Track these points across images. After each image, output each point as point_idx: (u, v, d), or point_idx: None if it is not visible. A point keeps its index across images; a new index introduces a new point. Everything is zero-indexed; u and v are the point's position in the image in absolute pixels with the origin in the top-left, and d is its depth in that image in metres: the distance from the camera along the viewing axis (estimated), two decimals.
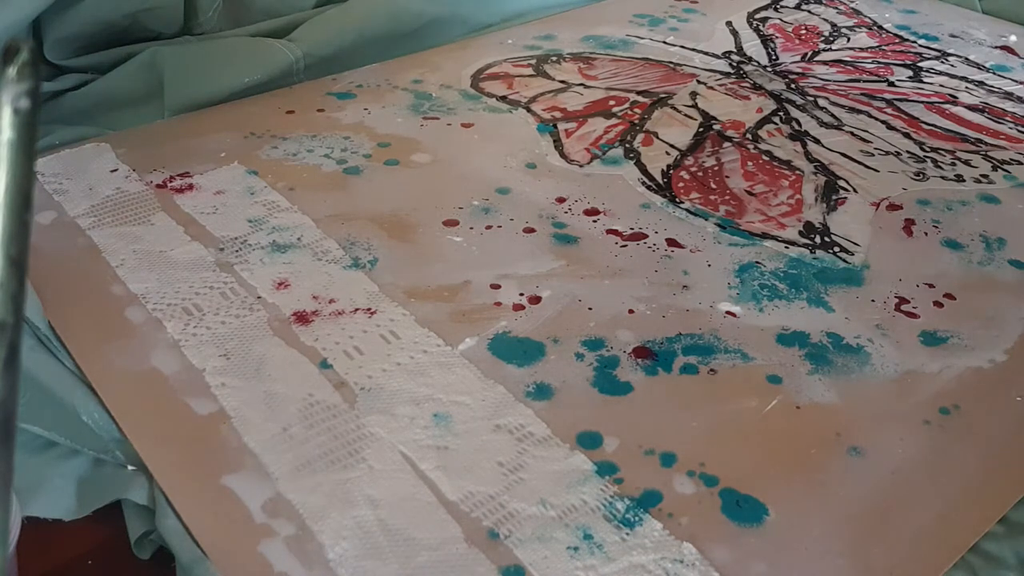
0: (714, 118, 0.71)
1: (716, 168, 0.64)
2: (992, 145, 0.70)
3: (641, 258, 0.54)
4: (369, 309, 0.49)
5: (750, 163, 0.65)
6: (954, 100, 0.76)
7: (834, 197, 0.62)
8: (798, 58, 0.82)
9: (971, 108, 0.75)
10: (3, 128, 0.17)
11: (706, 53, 0.82)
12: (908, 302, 0.52)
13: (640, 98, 0.73)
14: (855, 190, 0.62)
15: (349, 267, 0.52)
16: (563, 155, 0.64)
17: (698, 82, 0.76)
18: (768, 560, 0.37)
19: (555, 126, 0.68)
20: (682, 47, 0.82)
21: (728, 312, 0.50)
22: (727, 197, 0.61)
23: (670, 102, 0.72)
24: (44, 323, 0.45)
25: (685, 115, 0.71)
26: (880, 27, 0.90)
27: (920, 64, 0.82)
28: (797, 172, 0.64)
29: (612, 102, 0.72)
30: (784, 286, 0.53)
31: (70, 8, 0.64)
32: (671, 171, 0.63)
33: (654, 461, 0.41)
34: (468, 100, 0.70)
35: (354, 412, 0.42)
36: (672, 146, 0.66)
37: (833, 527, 0.39)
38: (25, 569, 0.33)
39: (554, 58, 0.78)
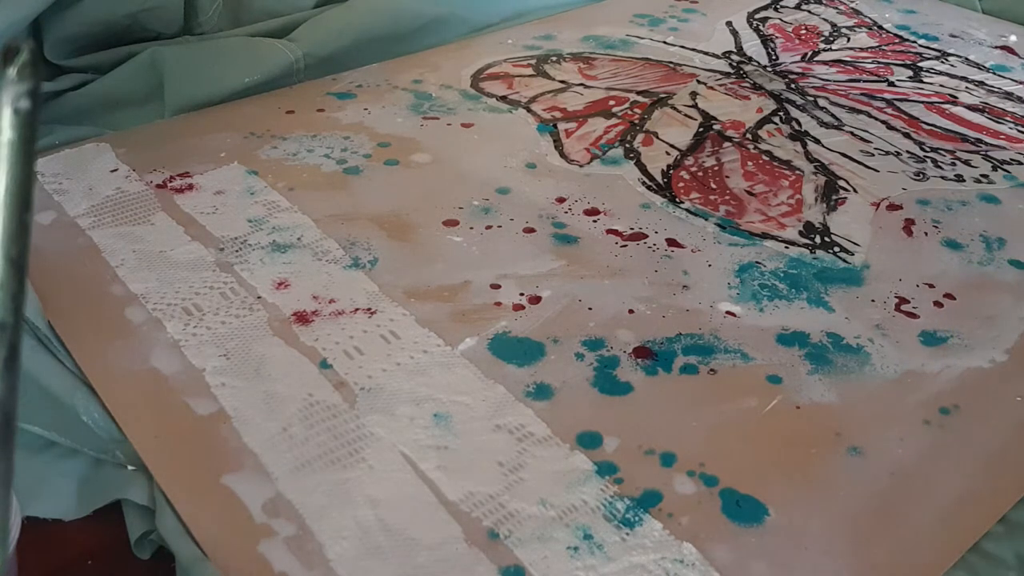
0: (714, 118, 0.71)
1: (716, 168, 0.64)
2: (992, 145, 0.70)
3: (641, 258, 0.54)
4: (369, 309, 0.49)
5: (750, 163, 0.65)
6: (954, 100, 0.76)
7: (834, 197, 0.62)
8: (798, 58, 0.82)
9: (971, 108, 0.75)
10: (3, 128, 0.17)
11: (706, 53, 0.82)
12: (908, 302, 0.52)
13: (640, 98, 0.73)
14: (855, 190, 0.62)
15: (349, 267, 0.52)
16: (563, 155, 0.64)
17: (698, 82, 0.76)
18: (768, 560, 0.37)
19: (555, 126, 0.68)
20: (682, 47, 0.82)
21: (728, 312, 0.50)
22: (727, 197, 0.61)
23: (670, 102, 0.72)
24: (44, 323, 0.45)
25: (685, 115, 0.71)
26: (880, 27, 0.90)
27: (920, 64, 0.82)
28: (797, 172, 0.64)
29: (612, 102, 0.72)
30: (784, 286, 0.53)
31: (70, 8, 0.64)
32: (671, 171, 0.63)
33: (654, 461, 0.41)
34: (468, 100, 0.70)
35: (354, 412, 0.42)
36: (672, 146, 0.66)
37: (833, 527, 0.39)
38: (25, 569, 0.33)
39: (554, 58, 0.78)
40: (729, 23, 0.88)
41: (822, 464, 0.42)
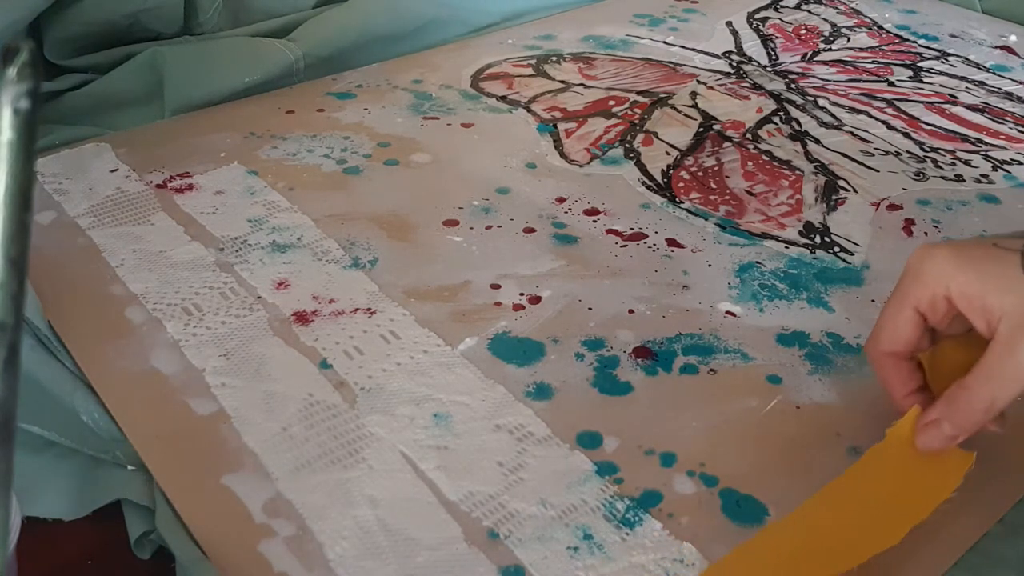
0: (714, 118, 0.71)
1: (716, 168, 0.64)
2: (992, 145, 0.70)
3: (641, 258, 0.54)
4: (369, 309, 0.49)
5: (750, 163, 0.65)
6: (954, 100, 0.76)
7: (834, 197, 0.62)
8: (798, 58, 0.82)
9: (971, 108, 0.75)
10: (3, 128, 0.17)
11: (706, 53, 0.82)
12: None
13: (640, 98, 0.73)
14: (855, 190, 0.62)
15: (349, 267, 0.52)
16: (563, 155, 0.64)
17: (698, 82, 0.76)
18: None
19: (555, 126, 0.68)
20: (682, 47, 0.82)
21: (728, 312, 0.50)
22: (727, 197, 0.61)
23: (670, 102, 0.72)
24: (44, 323, 0.45)
25: (685, 115, 0.71)
26: (880, 27, 0.90)
27: (920, 64, 0.82)
28: (797, 172, 0.64)
29: (612, 102, 0.72)
30: (784, 286, 0.53)
31: (70, 8, 0.64)
32: (671, 171, 0.63)
33: (654, 461, 0.41)
34: (468, 100, 0.70)
35: (354, 412, 0.42)
36: (672, 146, 0.66)
37: None
38: (25, 569, 0.33)
39: (554, 58, 0.78)
40: (729, 23, 0.88)
41: (822, 464, 0.42)
